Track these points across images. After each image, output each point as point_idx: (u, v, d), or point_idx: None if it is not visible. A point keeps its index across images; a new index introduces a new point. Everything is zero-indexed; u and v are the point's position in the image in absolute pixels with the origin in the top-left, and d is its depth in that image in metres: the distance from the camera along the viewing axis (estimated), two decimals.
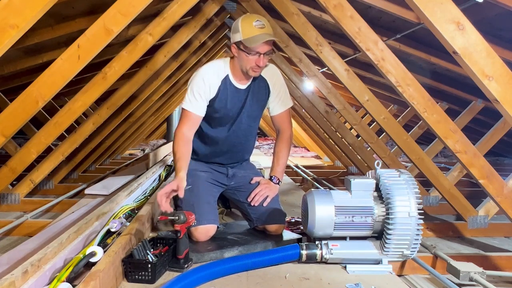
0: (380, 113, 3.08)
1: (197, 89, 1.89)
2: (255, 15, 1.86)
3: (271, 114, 2.07)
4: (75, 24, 3.07)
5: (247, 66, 1.85)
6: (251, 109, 1.99)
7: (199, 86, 1.89)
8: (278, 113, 2.05)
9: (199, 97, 1.89)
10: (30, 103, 2.39)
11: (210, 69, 1.93)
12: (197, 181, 1.97)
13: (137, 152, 8.09)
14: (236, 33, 1.82)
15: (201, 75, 1.90)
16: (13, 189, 3.43)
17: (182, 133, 1.90)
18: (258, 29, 1.78)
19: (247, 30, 1.78)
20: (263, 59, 1.82)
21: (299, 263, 1.67)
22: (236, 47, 1.85)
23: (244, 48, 1.80)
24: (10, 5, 1.60)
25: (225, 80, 1.92)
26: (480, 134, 4.32)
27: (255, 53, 1.80)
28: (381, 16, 3.49)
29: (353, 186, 1.69)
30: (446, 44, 1.76)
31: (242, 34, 1.79)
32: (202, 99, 1.90)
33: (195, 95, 1.89)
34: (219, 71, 1.93)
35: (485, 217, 3.00)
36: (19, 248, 2.12)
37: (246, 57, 1.82)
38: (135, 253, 1.51)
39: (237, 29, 1.81)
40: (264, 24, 1.80)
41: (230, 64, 1.94)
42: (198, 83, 1.89)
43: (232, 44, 1.86)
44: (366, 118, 6.42)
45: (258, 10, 3.64)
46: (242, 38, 1.79)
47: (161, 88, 4.86)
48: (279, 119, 2.06)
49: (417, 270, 2.26)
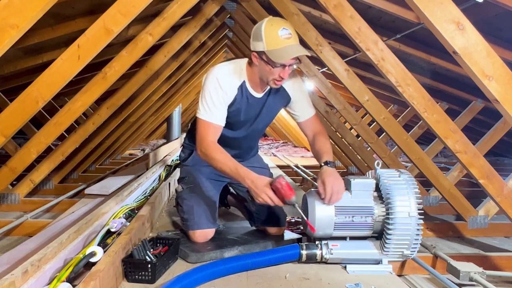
0: (380, 113, 3.08)
1: (215, 95, 1.70)
2: (281, 21, 1.65)
3: (297, 121, 1.91)
4: (75, 24, 3.06)
5: (269, 77, 1.67)
6: (266, 117, 1.89)
7: (217, 92, 1.70)
8: (304, 120, 1.88)
9: (219, 104, 1.71)
10: (30, 103, 2.39)
11: (226, 74, 1.74)
12: (198, 180, 1.95)
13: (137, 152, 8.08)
14: (258, 41, 1.62)
15: (217, 80, 1.71)
16: (13, 189, 3.43)
17: (211, 142, 1.70)
18: (285, 40, 1.58)
19: (272, 40, 1.58)
20: (287, 70, 1.65)
21: (299, 263, 1.67)
22: (258, 57, 1.65)
23: (268, 60, 1.61)
24: (10, 5, 1.60)
25: (242, 87, 1.75)
26: (480, 134, 4.32)
27: (279, 65, 1.62)
28: (381, 16, 3.49)
29: (353, 186, 1.69)
30: (446, 44, 1.76)
31: (266, 44, 1.59)
32: (221, 106, 1.72)
33: (214, 101, 1.70)
34: (236, 76, 1.75)
35: (485, 217, 3.00)
36: (19, 248, 2.12)
37: (269, 68, 1.63)
38: (135, 253, 1.51)
39: (260, 37, 1.60)
40: (291, 33, 1.60)
41: (247, 69, 1.75)
42: (216, 89, 1.70)
43: (253, 52, 1.66)
44: (366, 118, 6.42)
45: (258, 10, 3.64)
46: (266, 49, 1.60)
47: (161, 88, 4.86)
48: (306, 126, 1.89)
49: (417, 270, 2.26)
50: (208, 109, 1.70)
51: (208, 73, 1.76)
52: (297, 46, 1.62)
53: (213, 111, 1.71)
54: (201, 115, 1.72)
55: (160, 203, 2.55)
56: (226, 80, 1.72)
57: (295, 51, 1.60)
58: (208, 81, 1.73)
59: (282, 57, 1.59)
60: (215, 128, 1.72)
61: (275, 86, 1.72)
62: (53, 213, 3.43)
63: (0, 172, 3.08)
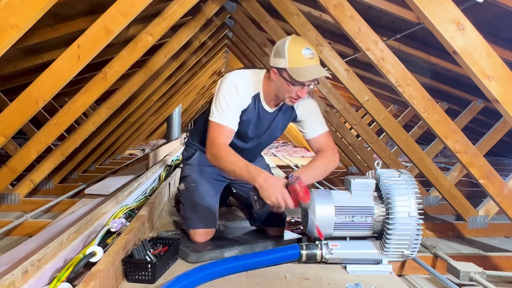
0: (380, 113, 3.08)
1: (230, 99, 1.67)
2: (304, 41, 1.66)
3: (305, 137, 1.88)
4: (75, 24, 3.06)
5: (285, 95, 1.67)
6: (273, 133, 1.88)
7: (233, 96, 1.68)
8: (311, 137, 1.85)
9: (233, 108, 1.68)
10: (30, 103, 2.38)
11: (243, 81, 1.72)
12: (201, 179, 1.95)
13: (137, 152, 8.08)
14: (280, 58, 1.62)
15: (234, 84, 1.70)
16: (13, 189, 3.43)
17: (222, 144, 1.65)
18: (307, 60, 1.59)
19: (295, 59, 1.59)
20: (305, 90, 1.65)
21: (299, 263, 1.67)
22: (278, 73, 1.64)
23: (288, 78, 1.61)
24: (10, 5, 1.59)
25: (255, 98, 1.74)
26: (480, 134, 4.32)
27: (298, 84, 1.62)
28: (381, 16, 3.49)
29: (353, 186, 1.69)
30: (446, 44, 1.76)
31: (289, 62, 1.59)
32: (236, 110, 1.70)
33: (228, 105, 1.67)
34: (252, 86, 1.73)
35: (485, 217, 3.00)
36: (19, 248, 2.12)
37: (288, 86, 1.63)
38: (135, 253, 1.51)
39: (283, 54, 1.61)
40: (313, 54, 1.61)
41: (264, 82, 1.74)
42: (231, 93, 1.68)
43: (273, 68, 1.65)
44: (366, 118, 6.41)
45: (258, 10, 3.64)
46: (287, 66, 1.60)
47: (161, 88, 4.86)
48: (314, 143, 1.85)
49: (417, 270, 2.26)
50: (222, 112, 1.67)
51: (225, 78, 1.74)
52: (319, 67, 1.63)
53: (227, 114, 1.68)
54: (214, 118, 1.69)
55: (160, 203, 2.55)
56: (242, 86, 1.71)
57: (317, 72, 1.61)
58: (224, 84, 1.71)
59: (304, 76, 1.59)
60: (228, 132, 1.69)
61: (290, 104, 1.72)
62: (53, 213, 3.43)
63: (0, 172, 3.08)
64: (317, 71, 1.62)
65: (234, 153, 1.65)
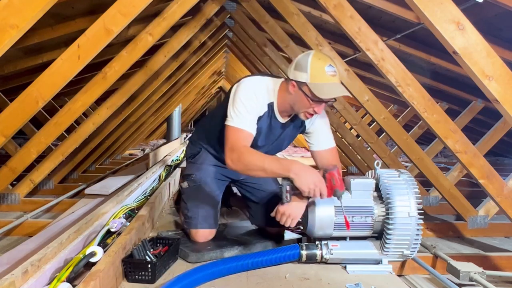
0: (380, 113, 3.08)
1: (249, 104, 1.64)
2: (327, 57, 1.64)
3: (310, 149, 1.88)
4: (75, 24, 3.06)
5: (301, 109, 1.65)
6: (281, 142, 1.88)
7: (252, 101, 1.65)
8: (318, 150, 1.85)
9: (252, 111, 1.66)
10: (30, 103, 2.38)
11: (262, 86, 1.70)
12: (205, 179, 1.94)
13: (137, 152, 8.08)
14: (301, 72, 1.59)
15: (253, 89, 1.68)
16: (13, 189, 3.43)
17: (243, 146, 1.60)
18: (330, 77, 1.57)
19: (318, 75, 1.57)
20: (323, 106, 1.63)
21: (299, 263, 1.67)
22: (297, 87, 1.61)
23: (308, 93, 1.59)
24: (10, 5, 1.59)
25: (269, 107, 1.71)
26: (480, 134, 4.31)
27: (317, 100, 1.60)
28: (381, 16, 3.49)
29: (353, 186, 1.69)
30: (446, 44, 1.76)
31: (311, 77, 1.57)
32: (254, 114, 1.67)
33: (248, 110, 1.64)
34: (268, 94, 1.70)
35: (485, 217, 3.00)
36: (19, 248, 2.13)
37: (306, 101, 1.61)
38: (135, 253, 1.51)
39: (305, 68, 1.58)
40: (336, 72, 1.59)
41: (279, 92, 1.70)
42: (250, 97, 1.65)
43: (292, 81, 1.62)
44: (366, 118, 6.41)
45: (258, 10, 3.64)
46: (309, 81, 1.57)
47: (161, 88, 4.86)
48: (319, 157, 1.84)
49: (417, 270, 2.26)
50: (241, 116, 1.63)
51: (242, 83, 1.71)
52: (340, 86, 1.62)
53: (246, 117, 1.64)
54: (233, 123, 1.63)
55: (160, 203, 2.55)
56: (261, 92, 1.69)
57: (339, 91, 1.59)
58: (242, 89, 1.68)
59: (326, 93, 1.57)
60: (247, 135, 1.64)
61: (304, 119, 1.70)
62: (53, 213, 3.43)
63: (0, 172, 3.08)
64: (339, 90, 1.60)
65: (258, 152, 1.62)
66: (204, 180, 1.94)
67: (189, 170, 2.01)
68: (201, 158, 1.98)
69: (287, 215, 1.60)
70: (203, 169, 1.96)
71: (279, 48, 4.20)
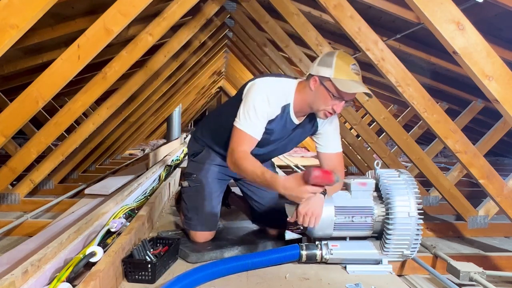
0: (380, 113, 3.08)
1: (261, 109, 1.64)
2: (352, 58, 1.66)
3: (317, 150, 1.87)
4: (75, 24, 3.07)
5: (320, 107, 1.64)
6: (293, 141, 1.87)
7: (264, 107, 1.65)
8: (324, 152, 1.84)
9: (262, 118, 1.66)
10: (30, 103, 2.39)
11: (277, 90, 1.69)
12: (206, 179, 1.92)
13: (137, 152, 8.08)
14: (325, 67, 1.60)
15: (267, 94, 1.66)
16: (13, 189, 3.43)
17: (243, 151, 1.62)
18: (354, 74, 1.59)
19: (342, 71, 1.58)
20: (342, 105, 1.63)
21: (299, 263, 1.67)
22: (319, 82, 1.62)
23: (330, 88, 1.59)
24: (10, 5, 1.59)
25: (285, 108, 1.71)
26: (480, 134, 4.32)
27: (338, 97, 1.60)
28: (381, 16, 3.49)
29: (353, 186, 1.69)
30: (446, 44, 1.76)
31: (335, 72, 1.57)
32: (264, 121, 1.67)
33: (257, 115, 1.64)
34: (283, 96, 1.70)
35: (485, 217, 3.00)
36: (19, 248, 2.13)
37: (327, 97, 1.61)
38: (135, 253, 1.51)
39: (330, 64, 1.59)
40: (359, 72, 1.62)
41: (296, 92, 1.70)
42: (263, 103, 1.65)
43: (315, 76, 1.62)
44: (366, 118, 6.41)
45: (258, 10, 3.64)
46: (332, 76, 1.57)
47: (161, 88, 4.86)
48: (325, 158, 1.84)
49: (417, 270, 2.26)
50: (250, 120, 1.64)
51: (256, 84, 1.70)
52: (362, 84, 1.61)
53: (255, 123, 1.64)
54: (241, 125, 1.65)
55: (160, 203, 2.55)
56: (275, 96, 1.68)
57: (362, 87, 1.59)
58: (256, 93, 1.67)
59: (349, 88, 1.57)
60: (251, 141, 1.66)
61: (323, 118, 1.69)
62: (53, 213, 3.43)
63: (0, 172, 3.08)
64: (361, 87, 1.59)
65: (253, 160, 1.61)
66: (205, 181, 1.92)
67: (191, 169, 1.99)
68: (203, 158, 1.96)
69: (309, 214, 1.55)
70: (205, 169, 1.94)
71: (279, 48, 4.20)
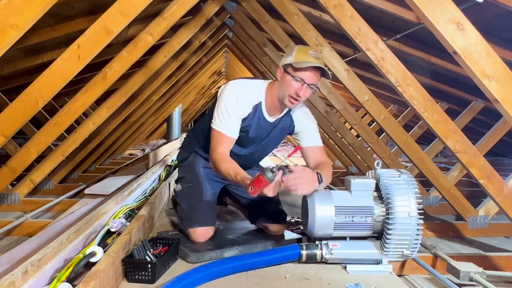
0: (380, 113, 3.07)
1: (231, 109, 1.75)
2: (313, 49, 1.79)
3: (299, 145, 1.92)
4: (75, 24, 3.06)
5: (285, 93, 1.73)
6: (273, 140, 1.95)
7: (233, 106, 1.76)
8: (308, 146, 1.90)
9: (234, 117, 1.76)
10: (30, 103, 2.38)
11: (245, 90, 1.81)
12: (197, 179, 1.96)
13: (137, 152, 8.08)
14: (288, 56, 1.75)
15: (235, 94, 1.78)
16: (13, 189, 3.43)
17: (220, 153, 1.73)
18: (311, 57, 1.70)
19: (301, 55, 1.71)
20: (305, 90, 1.71)
21: (299, 263, 1.67)
22: (283, 70, 1.76)
23: (291, 71, 1.71)
24: (10, 5, 1.59)
25: (256, 107, 1.81)
26: (480, 134, 4.31)
27: (300, 80, 1.70)
28: (381, 16, 3.49)
29: (353, 186, 1.69)
30: (446, 44, 1.76)
31: (294, 58, 1.71)
32: (236, 119, 1.77)
33: (230, 115, 1.75)
34: (254, 95, 1.81)
35: (485, 217, 3.00)
36: (19, 248, 2.13)
37: (289, 81, 1.71)
38: (135, 253, 1.51)
39: (291, 53, 1.75)
40: (319, 56, 1.73)
41: (267, 92, 1.82)
42: (232, 102, 1.76)
43: (280, 67, 1.78)
44: (366, 118, 6.41)
45: (258, 10, 3.64)
46: (292, 61, 1.71)
47: (161, 88, 4.86)
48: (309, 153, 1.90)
49: (417, 270, 2.26)
50: (224, 120, 1.75)
51: (226, 86, 1.82)
52: (320, 64, 1.70)
53: (228, 123, 1.76)
54: (216, 126, 1.77)
55: (160, 203, 2.55)
56: (243, 95, 1.78)
57: (317, 63, 1.68)
58: (225, 94, 1.79)
59: (305, 64, 1.67)
60: (228, 140, 1.77)
61: (289, 105, 1.76)
62: (53, 213, 3.43)
63: (0, 172, 3.08)
64: (317, 63, 1.68)
65: (229, 161, 1.72)
66: (196, 180, 1.96)
67: (181, 173, 2.07)
68: (192, 161, 2.03)
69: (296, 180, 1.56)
70: (195, 170, 2.00)
71: (279, 48, 4.20)
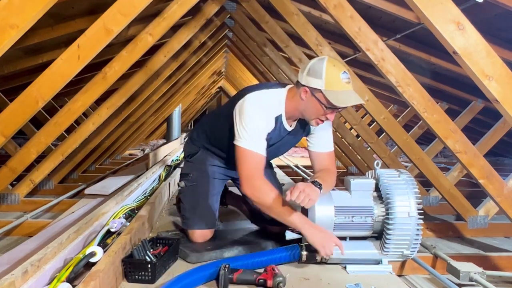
0: (380, 113, 3.08)
1: (261, 125, 1.63)
2: (342, 64, 1.63)
3: (308, 148, 1.86)
4: (75, 24, 3.07)
5: (313, 116, 1.62)
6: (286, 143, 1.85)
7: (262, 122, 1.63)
8: (317, 151, 1.83)
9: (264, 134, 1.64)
10: (30, 103, 2.39)
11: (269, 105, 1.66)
12: (202, 178, 1.92)
13: (137, 152, 8.08)
14: (316, 78, 1.55)
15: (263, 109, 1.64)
16: (13, 189, 3.43)
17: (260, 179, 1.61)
18: (345, 84, 1.55)
19: (333, 81, 1.54)
20: (334, 113, 1.62)
21: (299, 263, 1.67)
22: (310, 93, 1.58)
23: (323, 100, 1.56)
24: (10, 5, 1.60)
25: (277, 119, 1.69)
26: (480, 134, 4.31)
27: (331, 107, 1.57)
28: (381, 16, 3.49)
29: (352, 186, 1.69)
30: (446, 44, 1.76)
31: (325, 84, 1.54)
32: (265, 135, 1.66)
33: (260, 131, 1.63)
34: (275, 107, 1.68)
35: (485, 217, 3.00)
36: (19, 248, 2.13)
37: (319, 108, 1.58)
38: (135, 253, 1.51)
39: (319, 74, 1.55)
40: (350, 79, 1.58)
41: (286, 101, 1.68)
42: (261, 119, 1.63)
43: (305, 86, 1.59)
44: (366, 118, 6.41)
45: (258, 10, 3.64)
46: (324, 88, 1.54)
47: (161, 88, 4.86)
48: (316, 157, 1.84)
49: (417, 270, 2.26)
50: (255, 139, 1.61)
51: (250, 99, 1.66)
52: (355, 94, 1.59)
53: (260, 140, 1.62)
54: (247, 145, 1.60)
55: (160, 203, 2.55)
56: (269, 109, 1.66)
57: (354, 99, 1.57)
58: (252, 108, 1.63)
59: (343, 102, 1.56)
60: (261, 160, 1.62)
61: (315, 125, 1.68)
62: (53, 213, 3.43)
63: (0, 172, 3.08)
64: (354, 98, 1.58)
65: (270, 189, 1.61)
66: (201, 180, 1.93)
67: (187, 170, 2.00)
68: (199, 158, 1.97)
69: (306, 193, 1.53)
70: (201, 169, 1.95)
71: (279, 48, 4.20)
